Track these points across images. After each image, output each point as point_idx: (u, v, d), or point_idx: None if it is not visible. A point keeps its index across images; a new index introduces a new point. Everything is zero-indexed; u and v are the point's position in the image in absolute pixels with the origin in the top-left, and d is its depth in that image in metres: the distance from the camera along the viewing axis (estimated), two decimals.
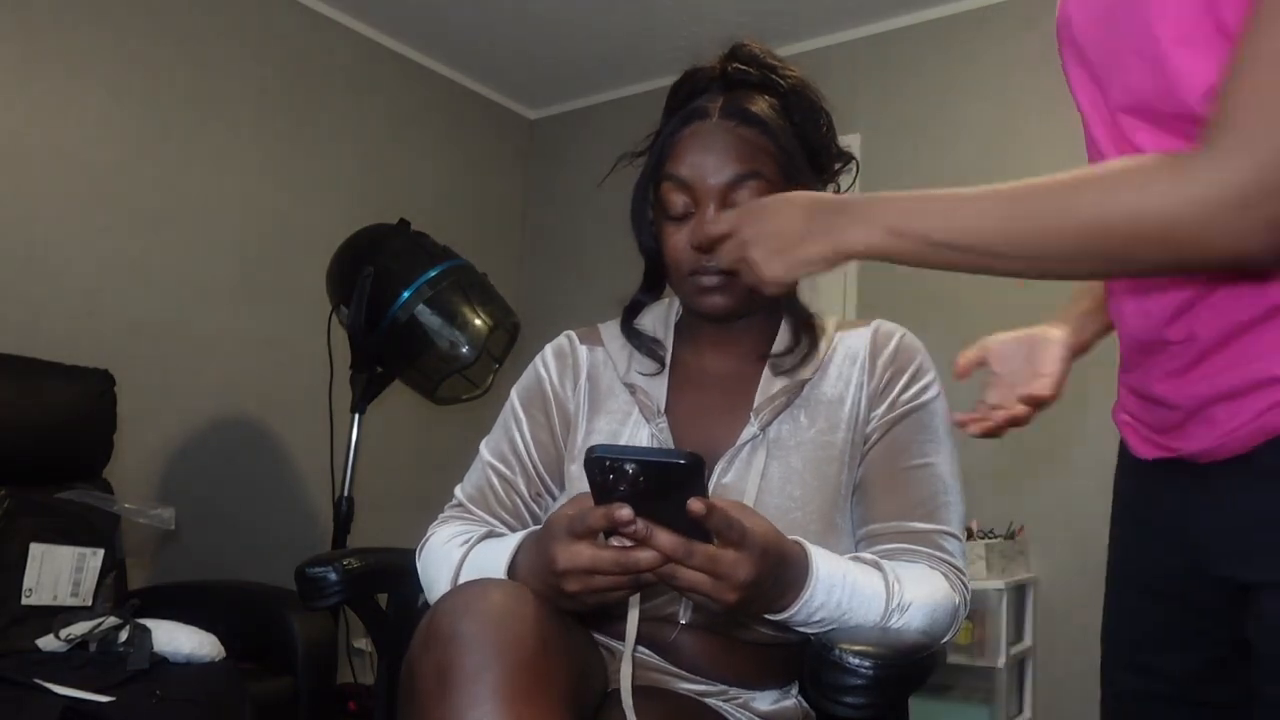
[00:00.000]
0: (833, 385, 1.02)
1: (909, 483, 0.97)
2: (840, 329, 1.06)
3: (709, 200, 0.97)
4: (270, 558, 2.44)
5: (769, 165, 0.98)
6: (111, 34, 2.50)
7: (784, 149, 0.99)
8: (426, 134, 3.38)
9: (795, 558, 0.82)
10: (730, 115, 0.99)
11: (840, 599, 0.84)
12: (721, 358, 1.06)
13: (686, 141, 1.00)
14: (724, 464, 0.98)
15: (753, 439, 0.98)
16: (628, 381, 1.05)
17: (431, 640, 0.75)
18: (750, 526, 0.75)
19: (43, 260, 2.34)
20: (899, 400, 1.01)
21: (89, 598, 1.92)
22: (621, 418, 1.04)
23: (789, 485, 0.96)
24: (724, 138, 0.98)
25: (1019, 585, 2.46)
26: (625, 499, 0.72)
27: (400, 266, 2.33)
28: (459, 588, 0.80)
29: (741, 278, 0.89)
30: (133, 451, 2.35)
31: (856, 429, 1.00)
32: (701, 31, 3.13)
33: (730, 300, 0.99)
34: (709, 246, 0.93)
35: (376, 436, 2.80)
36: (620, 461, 0.71)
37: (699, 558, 0.73)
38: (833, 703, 0.79)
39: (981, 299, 2.71)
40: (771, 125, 0.98)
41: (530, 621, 0.76)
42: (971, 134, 2.79)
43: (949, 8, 2.89)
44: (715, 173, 0.97)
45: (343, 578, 1.12)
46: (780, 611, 0.83)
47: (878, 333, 1.05)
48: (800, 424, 1.00)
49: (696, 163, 0.98)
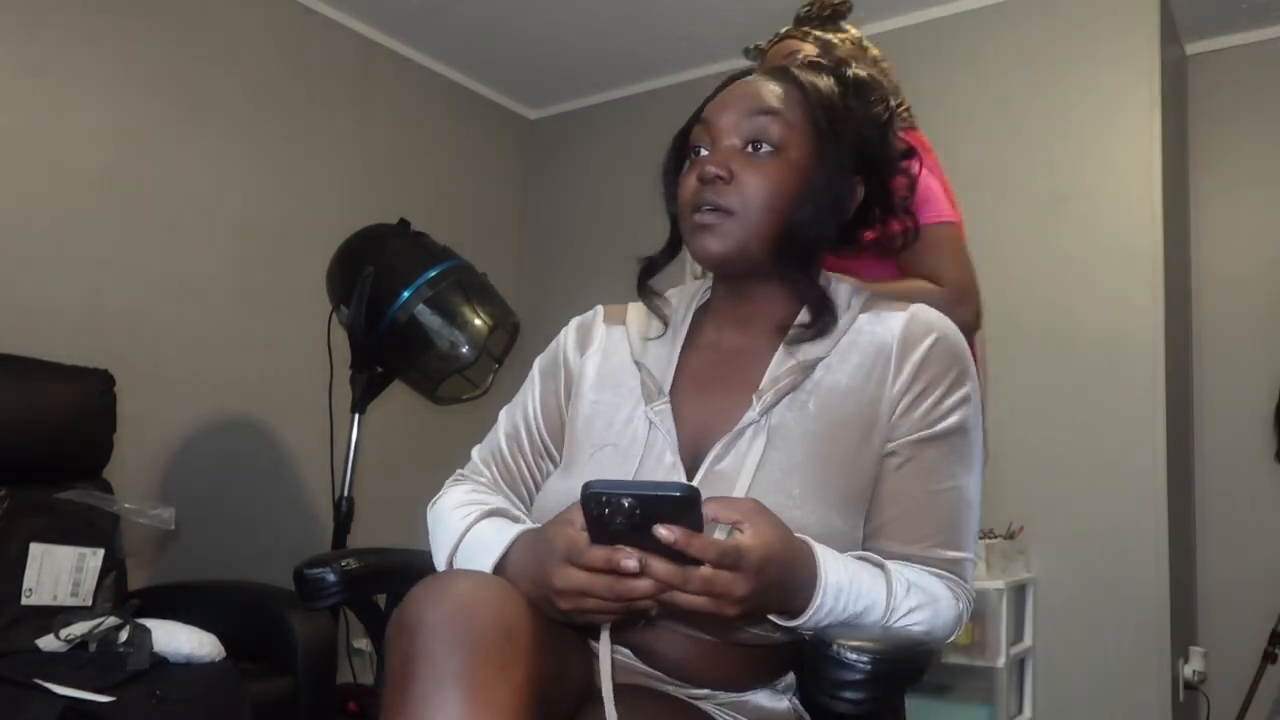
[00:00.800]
0: (850, 375, 0.95)
1: (933, 507, 0.93)
2: (869, 308, 1.00)
3: (725, 136, 0.96)
4: (270, 558, 2.43)
5: (794, 113, 0.96)
6: (111, 34, 2.50)
7: (815, 107, 0.96)
8: (426, 134, 3.38)
9: (801, 559, 0.82)
10: (770, 72, 1.00)
11: (847, 603, 0.84)
12: (739, 334, 1.03)
13: (722, 93, 1.01)
14: (719, 448, 0.93)
15: (752, 424, 0.94)
16: (638, 360, 1.04)
17: (398, 629, 0.76)
18: (746, 544, 0.75)
19: (43, 260, 2.34)
20: (931, 417, 0.93)
21: (89, 598, 1.92)
22: (627, 393, 1.02)
23: (788, 481, 0.90)
24: (755, 84, 0.98)
25: (1019, 585, 2.46)
26: (622, 530, 0.73)
27: (400, 266, 2.33)
28: (429, 578, 0.80)
29: (735, 220, 0.93)
30: (133, 451, 2.35)
31: (876, 432, 0.93)
32: (701, 31, 3.13)
33: (722, 245, 0.95)
34: (710, 178, 0.93)
35: (376, 436, 2.79)
36: (616, 496, 0.72)
37: (695, 583, 0.73)
38: (831, 697, 0.79)
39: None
40: (807, 84, 0.97)
41: (495, 611, 0.76)
42: (971, 134, 2.79)
43: (949, 8, 2.89)
44: (734, 109, 0.97)
45: (341, 578, 1.11)
46: (791, 618, 0.83)
47: (911, 323, 0.97)
48: (808, 413, 0.94)
49: (722, 104, 0.98)
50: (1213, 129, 2.95)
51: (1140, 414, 2.43)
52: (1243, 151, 2.89)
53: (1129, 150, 2.57)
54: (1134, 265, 2.51)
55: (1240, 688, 2.53)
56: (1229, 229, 2.90)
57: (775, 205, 0.94)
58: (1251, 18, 2.82)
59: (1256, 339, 2.79)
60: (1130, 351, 2.47)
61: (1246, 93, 2.90)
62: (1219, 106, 2.94)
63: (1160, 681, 2.37)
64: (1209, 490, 2.82)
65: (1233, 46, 2.93)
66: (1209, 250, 2.93)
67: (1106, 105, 2.61)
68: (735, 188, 0.94)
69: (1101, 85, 2.63)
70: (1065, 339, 2.57)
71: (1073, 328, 2.57)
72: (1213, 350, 2.87)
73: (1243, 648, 2.59)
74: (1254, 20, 2.83)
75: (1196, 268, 2.94)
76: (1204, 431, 2.85)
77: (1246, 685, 2.51)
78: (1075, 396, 2.53)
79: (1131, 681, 2.39)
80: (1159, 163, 2.52)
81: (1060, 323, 2.59)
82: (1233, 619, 2.71)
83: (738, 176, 0.94)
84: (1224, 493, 2.80)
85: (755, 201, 0.93)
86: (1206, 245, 2.93)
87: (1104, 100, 2.62)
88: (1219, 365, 2.85)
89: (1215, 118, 2.95)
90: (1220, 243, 2.91)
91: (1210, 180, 2.94)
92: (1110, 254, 2.55)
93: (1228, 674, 2.63)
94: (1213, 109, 2.96)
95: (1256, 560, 2.71)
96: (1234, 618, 2.71)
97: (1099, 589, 2.46)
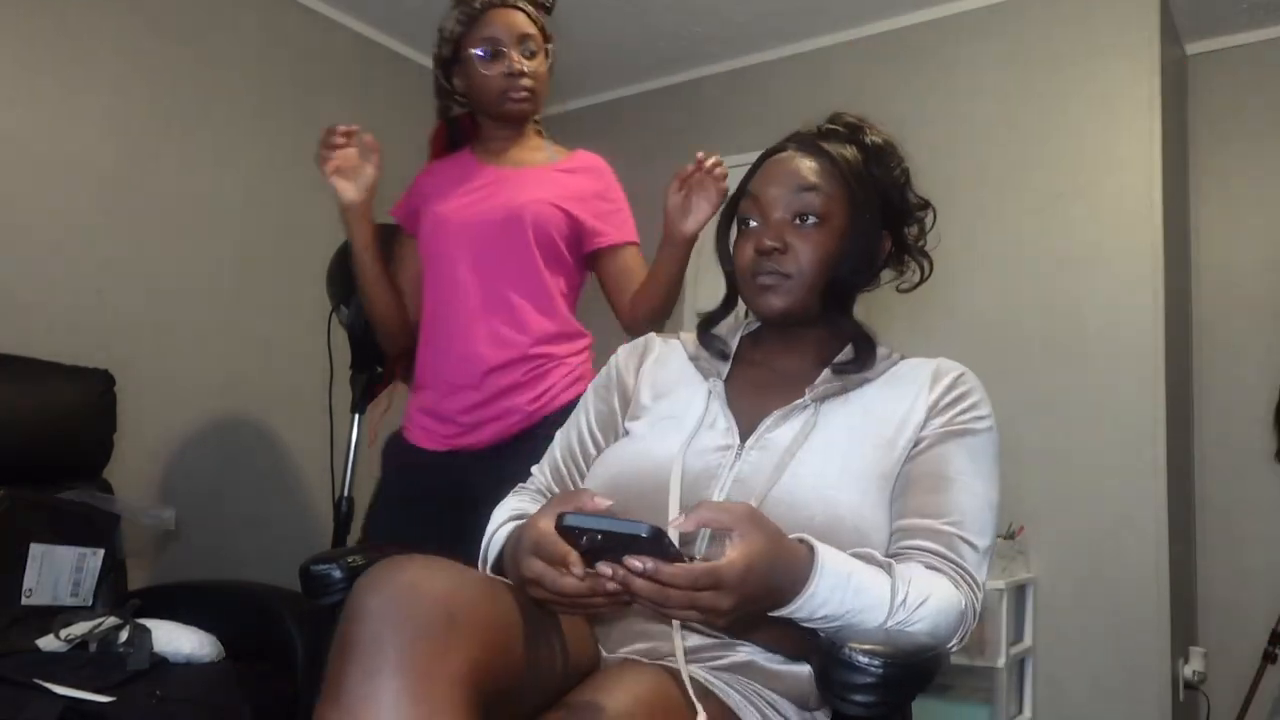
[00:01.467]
0: (890, 396, 1.09)
1: (947, 490, 1.02)
2: (906, 357, 1.16)
3: (774, 211, 1.11)
4: (270, 558, 2.43)
5: (830, 186, 1.10)
6: (112, 33, 2.50)
7: (847, 178, 1.10)
8: (426, 133, 3.37)
9: (795, 559, 0.85)
10: (803, 148, 1.14)
11: (844, 598, 0.86)
12: (784, 357, 1.16)
13: (764, 167, 1.15)
14: (773, 419, 1.07)
15: (803, 407, 1.08)
16: (693, 355, 1.19)
17: (343, 616, 0.77)
18: (722, 564, 0.77)
19: (43, 260, 2.34)
20: (956, 419, 1.06)
21: (89, 598, 1.92)
22: (686, 382, 1.17)
23: (831, 453, 1.03)
24: (793, 161, 1.13)
25: (1019, 585, 2.46)
26: (605, 552, 0.77)
27: None
28: (380, 563, 0.81)
29: (792, 281, 1.08)
30: (133, 451, 2.35)
31: (909, 430, 1.06)
32: (701, 32, 3.13)
33: (785, 301, 1.09)
34: (768, 250, 1.08)
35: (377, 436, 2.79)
36: (590, 531, 0.76)
37: (677, 601, 0.76)
38: (841, 700, 0.80)
39: (970, 296, 2.71)
40: (837, 158, 1.11)
41: (438, 595, 0.76)
42: (971, 134, 2.79)
43: (949, 8, 2.89)
44: (780, 186, 1.11)
45: (347, 575, 1.14)
46: (782, 608, 0.85)
47: (941, 364, 1.13)
48: (853, 411, 1.08)
49: (766, 180, 1.13)
50: (1213, 129, 2.95)
51: (1140, 414, 2.43)
52: (1243, 151, 2.89)
53: (1129, 149, 2.57)
54: (1134, 265, 2.51)
55: (1240, 688, 2.53)
56: (1229, 229, 2.90)
57: (823, 266, 1.09)
58: (1251, 18, 2.82)
59: (1256, 339, 2.79)
60: (1130, 351, 2.47)
61: (1246, 93, 2.90)
62: (1219, 106, 2.95)
63: (1160, 681, 2.37)
64: (1209, 490, 2.82)
65: (1233, 46, 2.93)
66: (1209, 250, 2.93)
67: (1106, 105, 2.61)
68: (791, 256, 1.09)
69: (1101, 85, 2.63)
70: (1065, 339, 2.57)
71: (1073, 328, 2.57)
72: (1213, 350, 2.87)
73: (1243, 648, 2.60)
74: (1254, 20, 2.84)
75: (1196, 268, 2.94)
76: (1204, 431, 2.85)
77: (1246, 685, 2.52)
78: (1075, 396, 2.53)
79: (1131, 681, 2.39)
80: (1159, 162, 2.52)
81: (1060, 323, 2.59)
82: (1233, 619, 2.72)
83: (791, 246, 1.09)
84: (1224, 493, 2.80)
85: (808, 266, 1.09)
86: (1206, 245, 2.93)
87: (1104, 100, 2.62)
88: (1219, 365, 2.85)
89: (1215, 118, 2.95)
90: (1220, 243, 2.91)
91: (1210, 180, 2.94)
92: (1110, 254, 2.55)
93: (1228, 674, 2.63)
94: (1213, 109, 2.96)
95: (1256, 560, 2.71)
96: (1234, 618, 2.71)
97: (1099, 589, 2.46)
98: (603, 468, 1.11)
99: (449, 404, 1.67)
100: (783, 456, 1.02)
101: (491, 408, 1.64)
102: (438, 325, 1.71)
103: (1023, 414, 2.53)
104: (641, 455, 1.08)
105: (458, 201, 1.71)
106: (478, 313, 1.66)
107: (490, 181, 1.72)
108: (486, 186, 1.72)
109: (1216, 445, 2.83)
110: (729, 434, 1.07)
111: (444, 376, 1.68)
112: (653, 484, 1.03)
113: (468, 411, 1.66)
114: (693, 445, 1.06)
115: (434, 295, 1.72)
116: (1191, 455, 2.84)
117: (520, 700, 0.83)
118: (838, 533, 0.94)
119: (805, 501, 0.97)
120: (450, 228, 1.69)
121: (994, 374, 1.22)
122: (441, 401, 1.68)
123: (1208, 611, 2.78)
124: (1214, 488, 2.82)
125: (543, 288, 1.67)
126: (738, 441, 1.06)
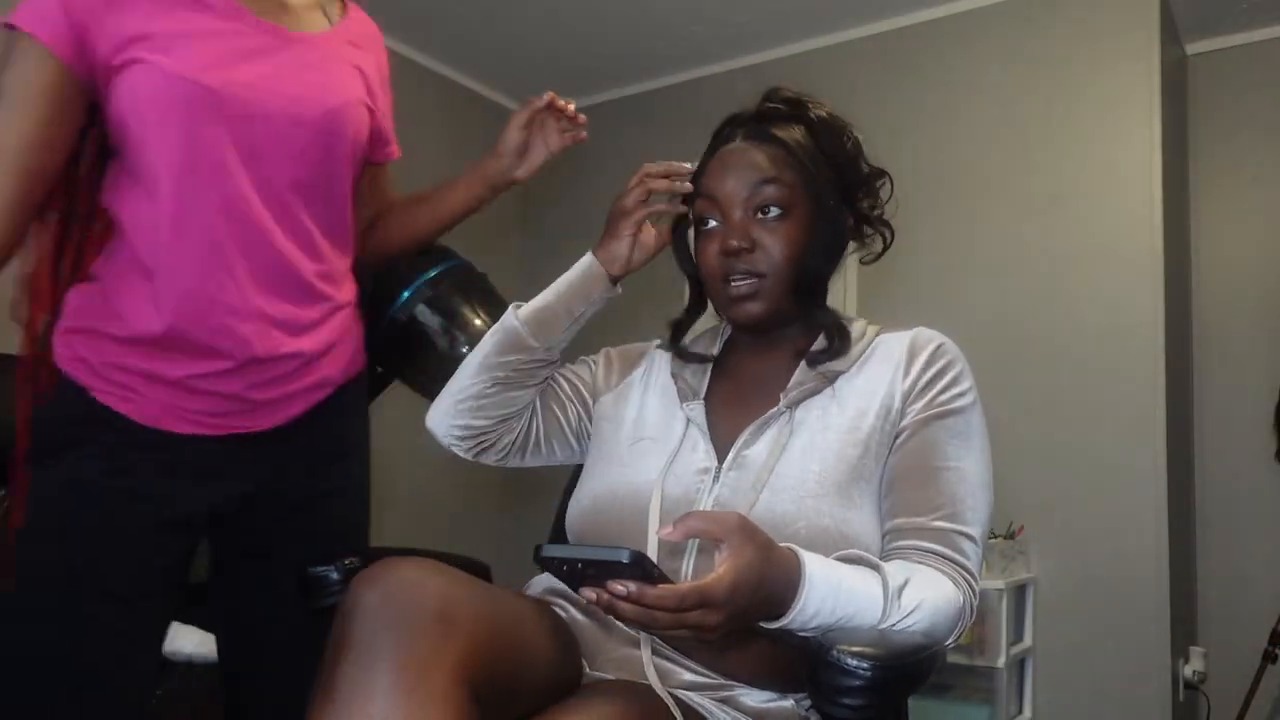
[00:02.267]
0: (867, 381, 1.06)
1: (936, 482, 0.99)
2: (881, 333, 1.12)
3: (734, 208, 1.07)
4: None
5: (789, 175, 1.06)
6: None
7: (804, 163, 1.06)
8: (426, 133, 3.38)
9: (784, 569, 0.82)
10: (753, 136, 1.10)
11: (835, 606, 0.84)
12: (761, 360, 1.13)
13: (714, 162, 1.11)
14: (748, 434, 1.04)
15: (779, 415, 1.05)
16: (675, 374, 1.16)
17: (339, 613, 0.77)
18: (708, 582, 0.75)
19: None
20: (935, 400, 1.03)
21: None
22: (667, 401, 1.15)
23: (808, 459, 1.00)
24: (746, 154, 1.08)
25: (1019, 585, 2.47)
26: (589, 579, 0.76)
27: (400, 266, 2.32)
28: (376, 563, 0.81)
29: (767, 280, 1.04)
30: None
31: (888, 418, 1.03)
32: (701, 31, 3.13)
33: (763, 306, 1.06)
34: (735, 250, 1.04)
35: (377, 436, 2.79)
36: (570, 560, 0.76)
37: (664, 622, 0.75)
38: (831, 704, 0.79)
39: (970, 296, 2.71)
40: (790, 142, 1.07)
41: (433, 594, 0.76)
42: (971, 134, 2.79)
43: (949, 8, 2.89)
44: (737, 180, 1.07)
45: (345, 577, 1.14)
46: (774, 620, 0.84)
47: (918, 336, 1.09)
48: (830, 411, 1.04)
49: (721, 176, 1.08)
50: (1213, 129, 2.95)
51: (1140, 414, 2.43)
52: (1243, 151, 2.89)
53: (1128, 150, 2.57)
54: (1134, 265, 2.51)
55: (1240, 688, 2.53)
56: (1229, 229, 2.90)
57: (794, 259, 1.05)
58: (1251, 18, 2.82)
59: (1256, 339, 2.79)
60: (1130, 351, 2.47)
61: (1246, 93, 2.90)
62: (1219, 106, 2.94)
63: (1160, 681, 2.37)
64: (1209, 490, 2.82)
65: (1233, 46, 2.93)
66: (1209, 250, 2.93)
67: (1106, 105, 2.61)
68: (761, 254, 1.05)
69: (1101, 85, 2.63)
70: (1065, 339, 2.57)
71: (1073, 328, 2.57)
72: (1212, 350, 2.87)
73: (1243, 648, 2.59)
74: (1254, 20, 2.84)
75: (1196, 268, 2.94)
76: (1204, 431, 2.85)
77: (1246, 685, 2.51)
78: (1075, 396, 2.53)
79: (1131, 681, 2.39)
80: (1159, 163, 2.52)
81: (1060, 323, 2.59)
82: (1233, 619, 2.72)
83: (758, 243, 1.05)
84: (1224, 493, 2.80)
85: (780, 261, 1.05)
86: (1206, 245, 2.93)
87: (1104, 100, 2.62)
88: (1219, 365, 2.85)
89: (1215, 118, 2.95)
90: (1220, 243, 2.91)
91: (1210, 181, 2.94)
92: (1110, 254, 2.55)
93: (1228, 674, 2.63)
94: (1213, 109, 2.96)
95: (1256, 560, 2.71)
96: (1234, 618, 2.72)
97: (1099, 589, 2.46)
98: (583, 493, 1.11)
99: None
100: (760, 473, 1.00)
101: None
102: (175, 246, 1.11)
103: (1023, 414, 2.53)
104: (620, 482, 1.07)
105: (228, 68, 1.09)
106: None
107: (274, 46, 1.14)
108: (268, 54, 1.13)
109: (1217, 445, 2.83)
110: (708, 456, 1.05)
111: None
112: (633, 510, 1.02)
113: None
114: (672, 470, 1.04)
115: (167, 200, 1.08)
116: (1191, 455, 2.83)
117: (512, 702, 0.83)
118: (824, 544, 0.93)
119: (788, 516, 0.96)
120: (225, 111, 1.08)
121: (994, 374, 1.22)
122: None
123: (1208, 611, 2.78)
124: (1214, 488, 2.81)
125: (344, 222, 1.31)
126: (715, 464, 1.04)
